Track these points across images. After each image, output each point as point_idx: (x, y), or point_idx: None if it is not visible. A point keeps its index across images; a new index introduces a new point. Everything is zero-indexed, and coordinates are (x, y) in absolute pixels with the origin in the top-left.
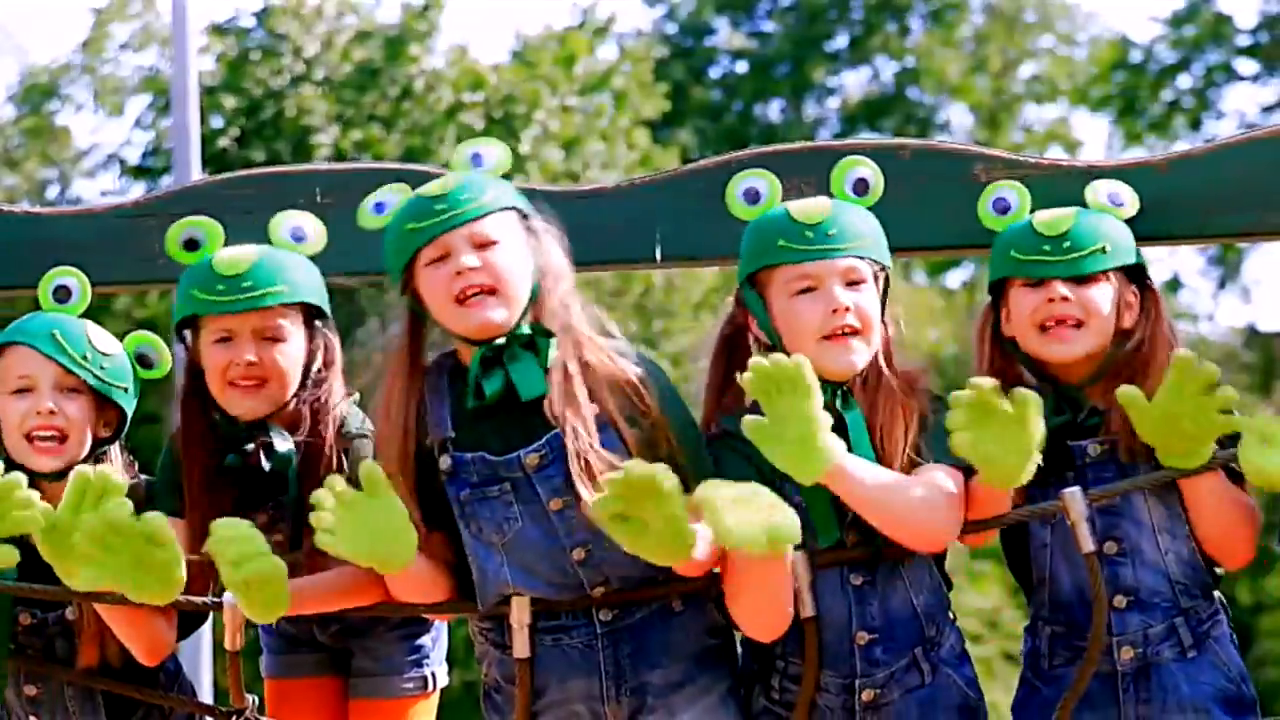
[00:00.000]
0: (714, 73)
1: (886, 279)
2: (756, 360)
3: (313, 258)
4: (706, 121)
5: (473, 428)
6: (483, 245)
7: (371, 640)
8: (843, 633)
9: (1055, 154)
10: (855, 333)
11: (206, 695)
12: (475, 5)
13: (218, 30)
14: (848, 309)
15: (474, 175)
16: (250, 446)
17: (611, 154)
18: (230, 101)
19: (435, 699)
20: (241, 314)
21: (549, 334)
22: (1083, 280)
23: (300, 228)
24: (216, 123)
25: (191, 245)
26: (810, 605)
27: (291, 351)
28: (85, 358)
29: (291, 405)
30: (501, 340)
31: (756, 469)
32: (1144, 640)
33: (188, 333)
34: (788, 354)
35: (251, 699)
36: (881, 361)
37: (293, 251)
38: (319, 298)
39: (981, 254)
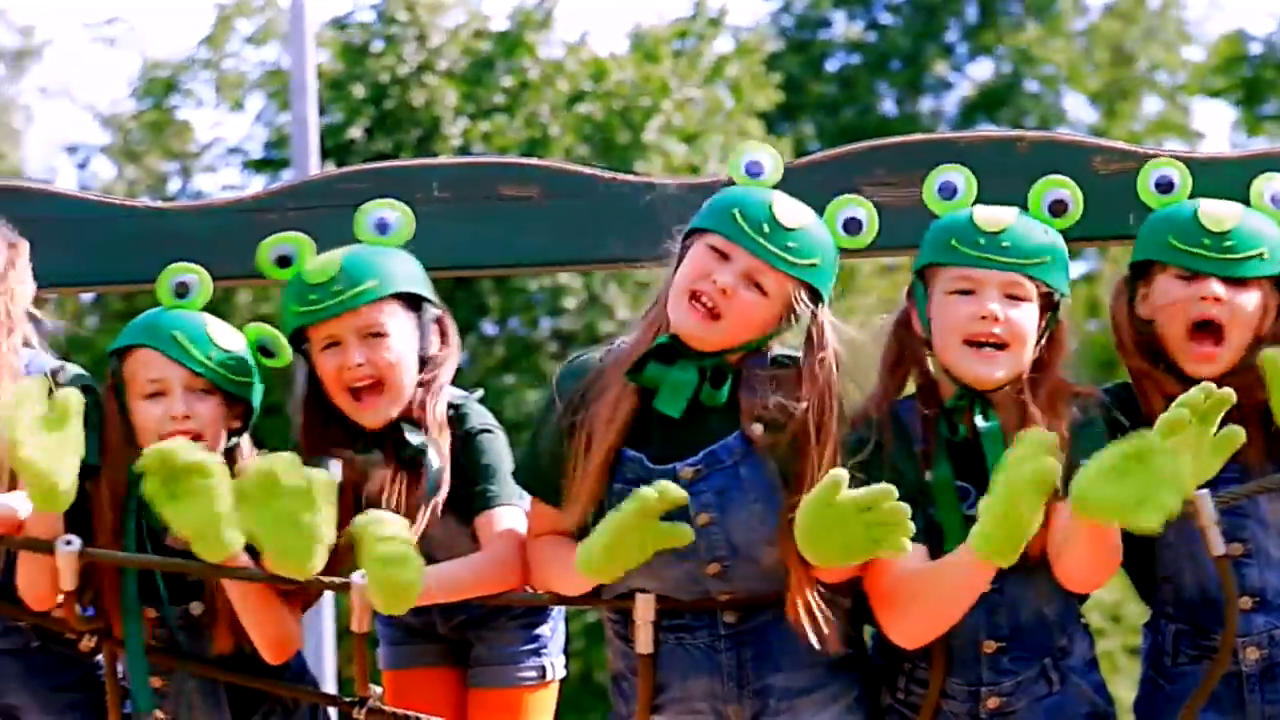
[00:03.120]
0: (830, 66)
1: (1056, 305)
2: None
3: (432, 251)
4: (823, 115)
5: (644, 426)
6: (751, 282)
7: (491, 630)
8: (970, 640)
9: (1173, 145)
10: (1002, 345)
11: (330, 685)
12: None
13: (337, 24)
14: (996, 319)
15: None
16: (377, 454)
17: (729, 146)
18: (357, 91)
19: (554, 690)
20: (338, 317)
21: (723, 379)
22: (1237, 283)
23: (384, 219)
24: (340, 115)
25: (284, 262)
26: None
27: (398, 344)
28: (210, 357)
29: (416, 401)
30: (691, 351)
31: (903, 480)
32: (1269, 641)
33: (304, 346)
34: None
35: (375, 689)
36: (1028, 380)
37: (380, 245)
38: (416, 284)
39: (1099, 246)
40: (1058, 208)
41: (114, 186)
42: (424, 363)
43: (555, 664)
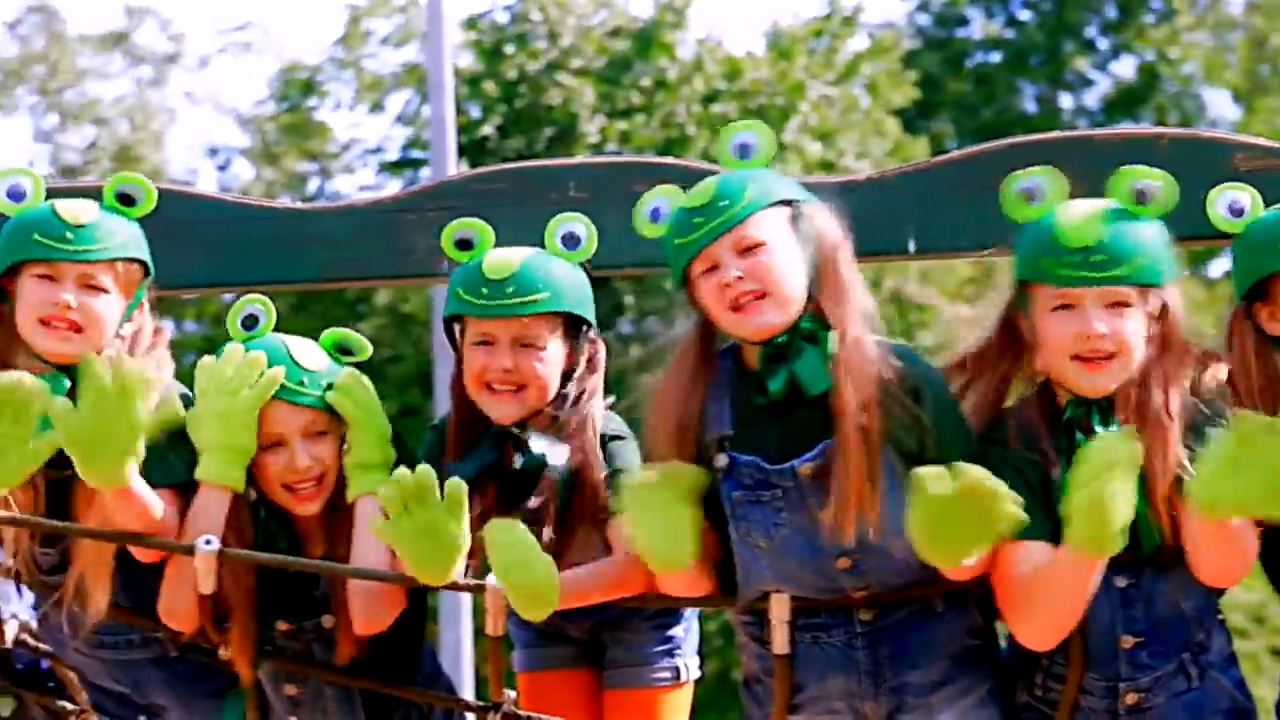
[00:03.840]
0: (968, 63)
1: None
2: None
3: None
4: (961, 113)
5: (752, 428)
6: (747, 250)
7: (625, 632)
8: (1107, 636)
9: None
10: (1110, 356)
11: (467, 687)
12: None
13: (474, 23)
14: (1101, 335)
15: (732, 176)
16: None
17: (864, 144)
18: (487, 90)
19: (688, 691)
20: (501, 320)
21: (828, 326)
22: None
23: (574, 233)
24: (476, 113)
25: (464, 245)
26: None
27: (550, 360)
28: (302, 383)
29: (548, 410)
30: (783, 338)
31: (1025, 480)
32: None
33: (456, 328)
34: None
35: (510, 694)
36: (1148, 380)
37: (563, 258)
38: (582, 307)
39: None
40: (1139, 196)
41: (253, 188)
42: (565, 383)
43: (690, 665)
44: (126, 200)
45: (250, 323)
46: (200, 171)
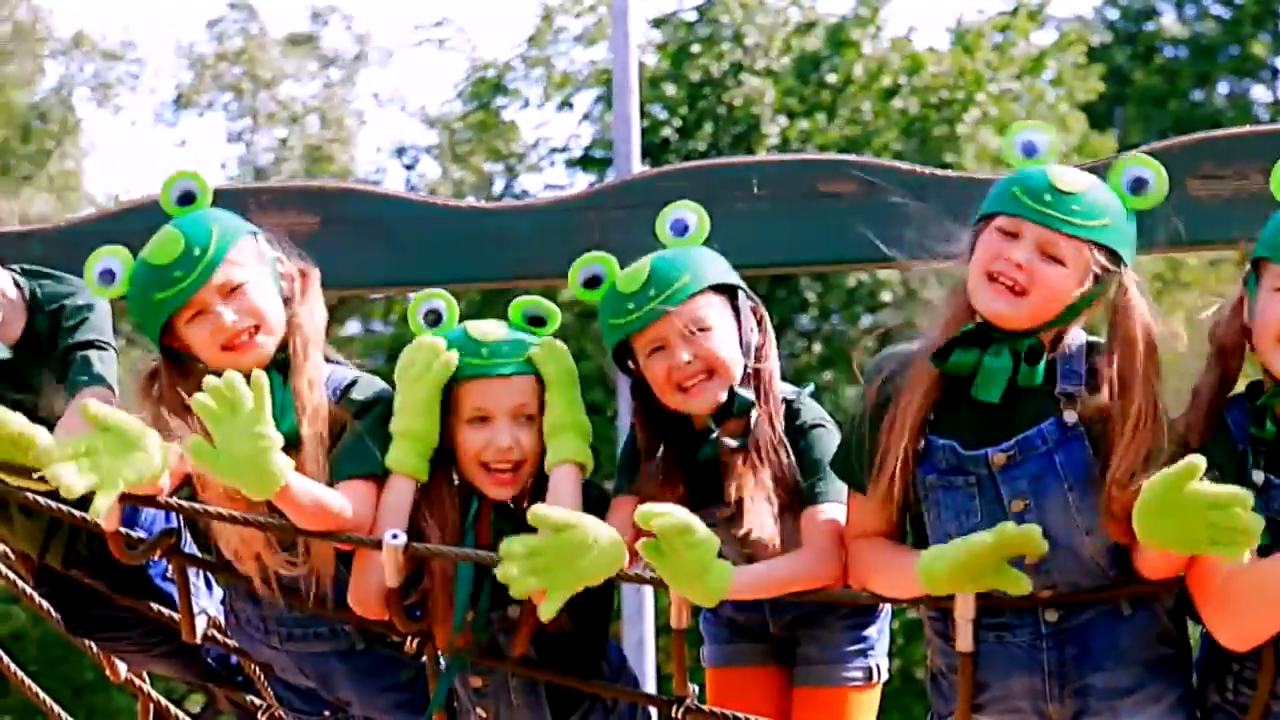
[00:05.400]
0: (1157, 57)
1: None
2: None
3: (753, 249)
4: (1149, 106)
5: (952, 413)
6: (1047, 256)
7: (820, 629)
8: None
9: None
10: None
11: (650, 683)
12: None
13: (660, 21)
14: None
15: (1103, 196)
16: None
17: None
18: (670, 90)
19: (878, 691)
20: (661, 320)
21: (1039, 357)
22: None
23: (683, 220)
24: (660, 113)
25: (593, 282)
26: None
27: (720, 336)
28: (493, 356)
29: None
30: (997, 333)
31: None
32: None
33: (629, 362)
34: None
35: (692, 688)
36: None
37: (680, 245)
38: (726, 275)
39: None
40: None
41: (440, 187)
42: (746, 351)
43: (881, 665)
44: (186, 199)
45: (433, 318)
46: (388, 171)
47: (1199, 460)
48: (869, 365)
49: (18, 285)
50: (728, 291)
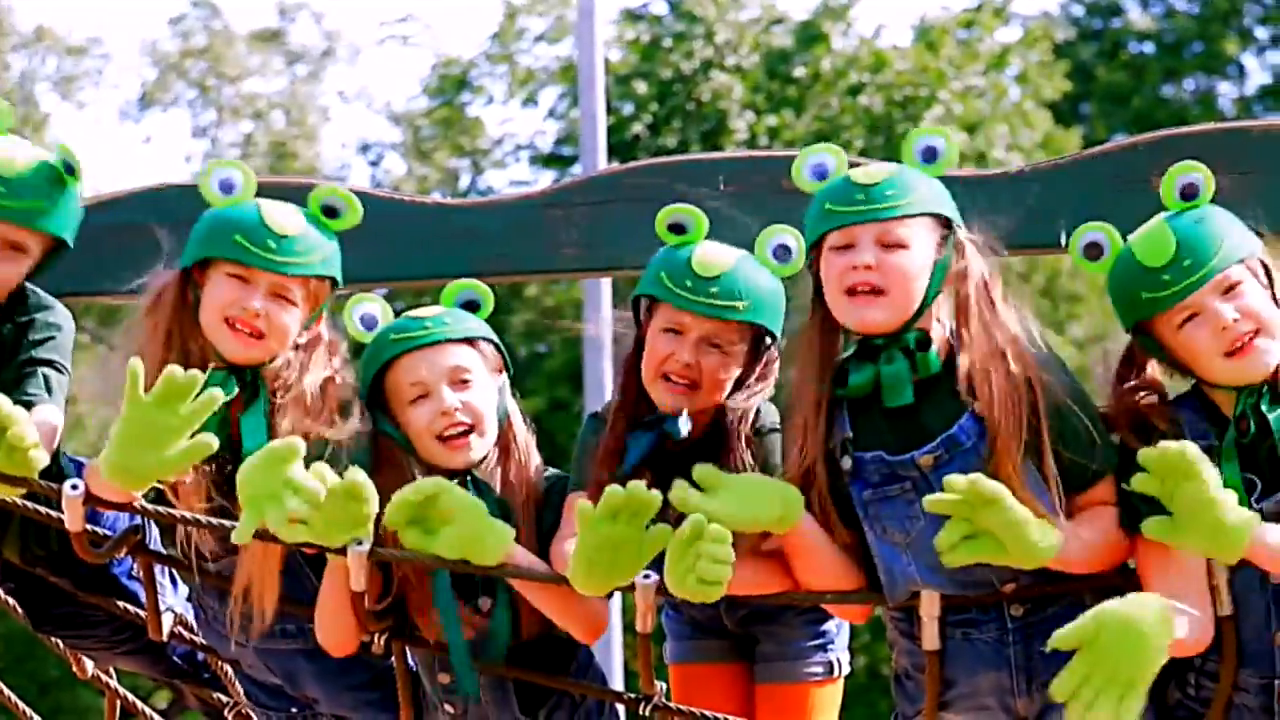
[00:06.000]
0: (1122, 54)
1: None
2: (1147, 453)
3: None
4: (1112, 104)
5: (871, 425)
6: (889, 246)
7: (778, 625)
8: (1260, 631)
9: None
10: (1254, 334)
11: (617, 680)
12: None
13: (631, 16)
14: (1234, 320)
15: (908, 174)
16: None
17: (1014, 136)
18: (640, 88)
19: (840, 685)
20: (696, 316)
21: (928, 343)
22: None
23: (786, 245)
24: (628, 110)
25: (678, 229)
26: (1228, 604)
27: (731, 365)
28: (442, 323)
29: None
30: (880, 340)
31: None
32: None
33: (644, 305)
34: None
35: (660, 686)
36: None
37: (770, 269)
38: (775, 322)
39: None
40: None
41: (405, 183)
42: (739, 387)
43: (842, 659)
44: (330, 213)
45: (370, 322)
46: (353, 167)
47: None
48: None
49: None
50: (755, 330)
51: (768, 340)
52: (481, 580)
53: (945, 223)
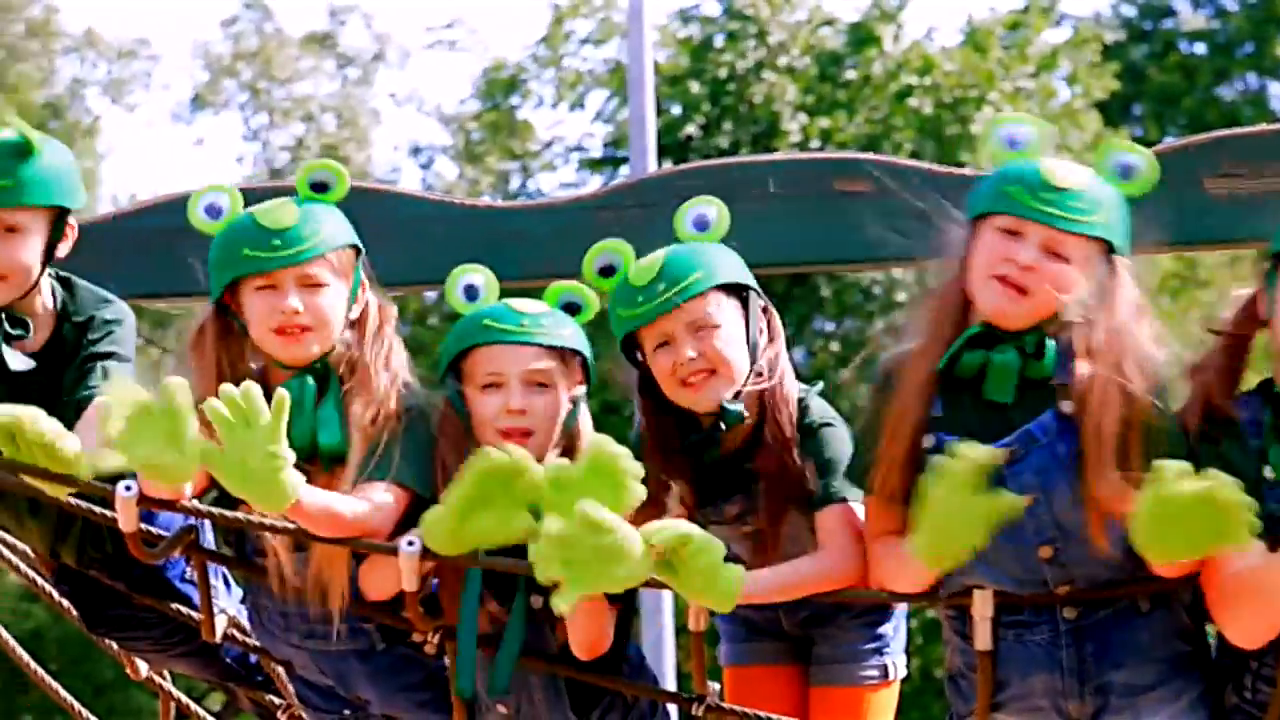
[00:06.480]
0: (1174, 54)
1: None
2: None
3: (769, 247)
4: (1164, 105)
5: (961, 411)
6: (1054, 254)
7: (834, 628)
8: None
9: None
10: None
11: (670, 682)
12: None
13: (683, 16)
14: None
15: (1100, 191)
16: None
17: (1064, 137)
18: (693, 88)
19: (895, 689)
20: (667, 314)
21: (1044, 350)
22: None
23: (703, 215)
24: (677, 110)
25: (608, 271)
26: None
27: (729, 335)
28: (523, 324)
29: (746, 390)
30: (1001, 332)
31: (1239, 476)
32: None
33: (638, 354)
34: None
35: (714, 687)
36: None
37: (695, 239)
38: (738, 274)
39: None
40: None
41: (456, 187)
42: (755, 351)
43: (898, 663)
44: (320, 188)
45: (471, 293)
46: (404, 170)
47: (1170, 466)
48: (875, 369)
49: (53, 294)
50: (739, 291)
51: (752, 296)
52: (524, 579)
53: (1110, 249)
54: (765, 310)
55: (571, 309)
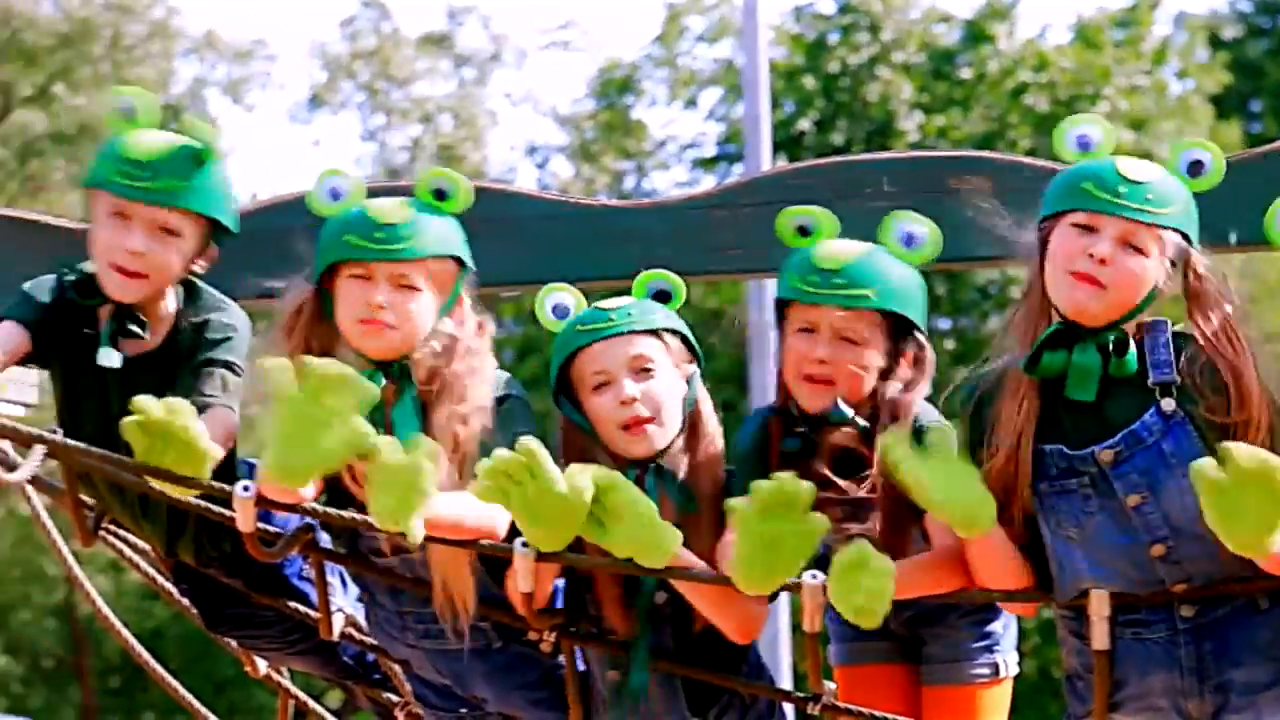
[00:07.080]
0: None
1: None
2: None
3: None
4: None
5: (1055, 418)
6: (1129, 247)
7: (943, 627)
8: None
9: None
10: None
11: (785, 681)
12: None
13: (797, 13)
14: None
15: (1172, 185)
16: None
17: (1179, 132)
18: (807, 84)
19: (1007, 687)
20: (824, 308)
21: (1126, 347)
22: None
23: (912, 233)
24: (790, 107)
25: (803, 232)
26: None
27: (867, 357)
28: (631, 314)
29: (867, 403)
30: (1081, 330)
31: None
32: None
33: (785, 312)
34: None
35: (830, 685)
36: None
37: (900, 257)
38: (910, 309)
39: None
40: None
41: (571, 186)
42: (885, 377)
43: (1008, 661)
44: (439, 195)
45: (562, 312)
46: (519, 170)
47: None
48: (963, 390)
49: (175, 295)
50: (892, 319)
51: (912, 331)
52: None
53: (1187, 241)
54: (920, 345)
55: (662, 296)
